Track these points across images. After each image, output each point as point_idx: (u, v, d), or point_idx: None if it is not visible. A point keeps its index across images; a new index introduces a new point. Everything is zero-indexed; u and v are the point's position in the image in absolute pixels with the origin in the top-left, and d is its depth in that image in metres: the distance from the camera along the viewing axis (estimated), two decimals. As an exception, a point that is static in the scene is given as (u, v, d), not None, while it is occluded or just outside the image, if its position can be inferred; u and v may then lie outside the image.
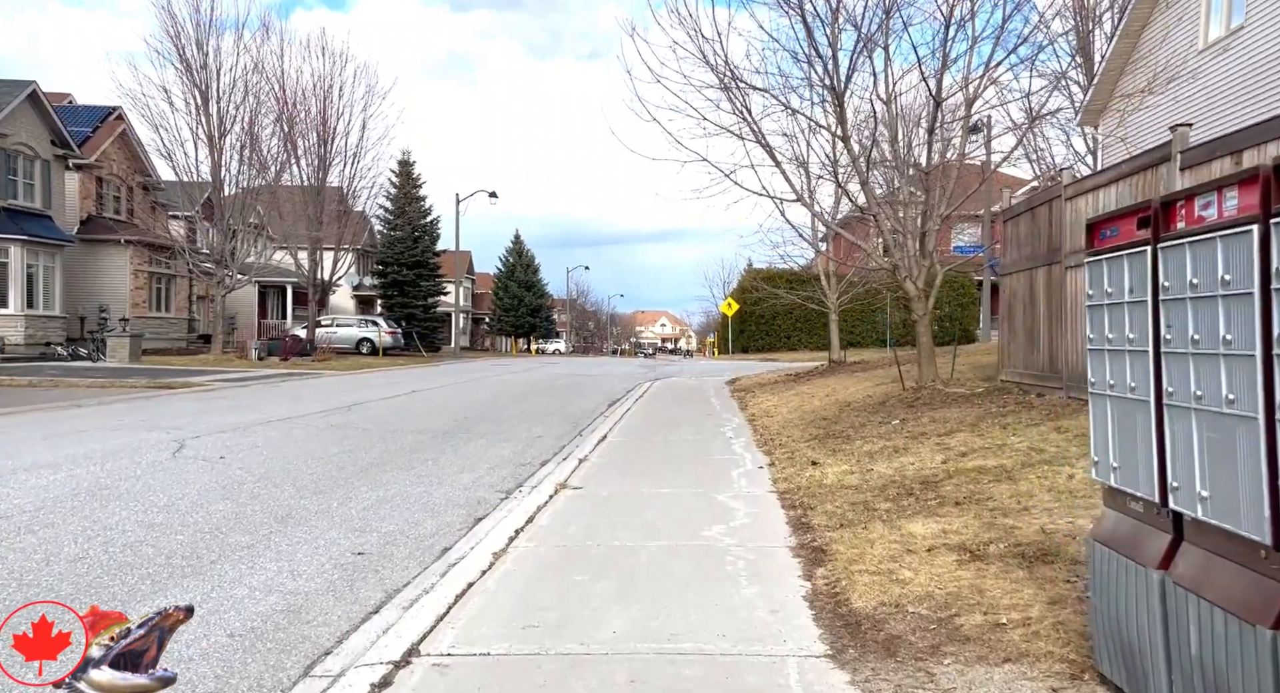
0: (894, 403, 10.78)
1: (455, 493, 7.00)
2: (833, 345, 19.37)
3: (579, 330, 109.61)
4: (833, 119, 11.21)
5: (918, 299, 11.55)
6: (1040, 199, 9.66)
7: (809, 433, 9.79)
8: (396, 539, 5.45)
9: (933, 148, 10.54)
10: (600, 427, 11.44)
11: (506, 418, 12.57)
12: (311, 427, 10.73)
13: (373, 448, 9.17)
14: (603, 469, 8.01)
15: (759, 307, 41.03)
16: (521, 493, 7.03)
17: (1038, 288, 9.64)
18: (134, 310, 29.43)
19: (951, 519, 5.17)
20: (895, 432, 8.72)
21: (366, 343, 36.75)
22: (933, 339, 11.74)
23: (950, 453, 7.17)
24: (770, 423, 11.40)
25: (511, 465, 8.46)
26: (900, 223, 11.51)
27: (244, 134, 27.40)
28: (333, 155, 31.80)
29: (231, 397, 15.26)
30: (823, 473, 7.17)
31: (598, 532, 5.48)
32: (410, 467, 8.14)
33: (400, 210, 44.58)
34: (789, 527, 5.55)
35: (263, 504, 6.23)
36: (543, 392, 18.02)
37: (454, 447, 9.51)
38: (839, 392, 13.49)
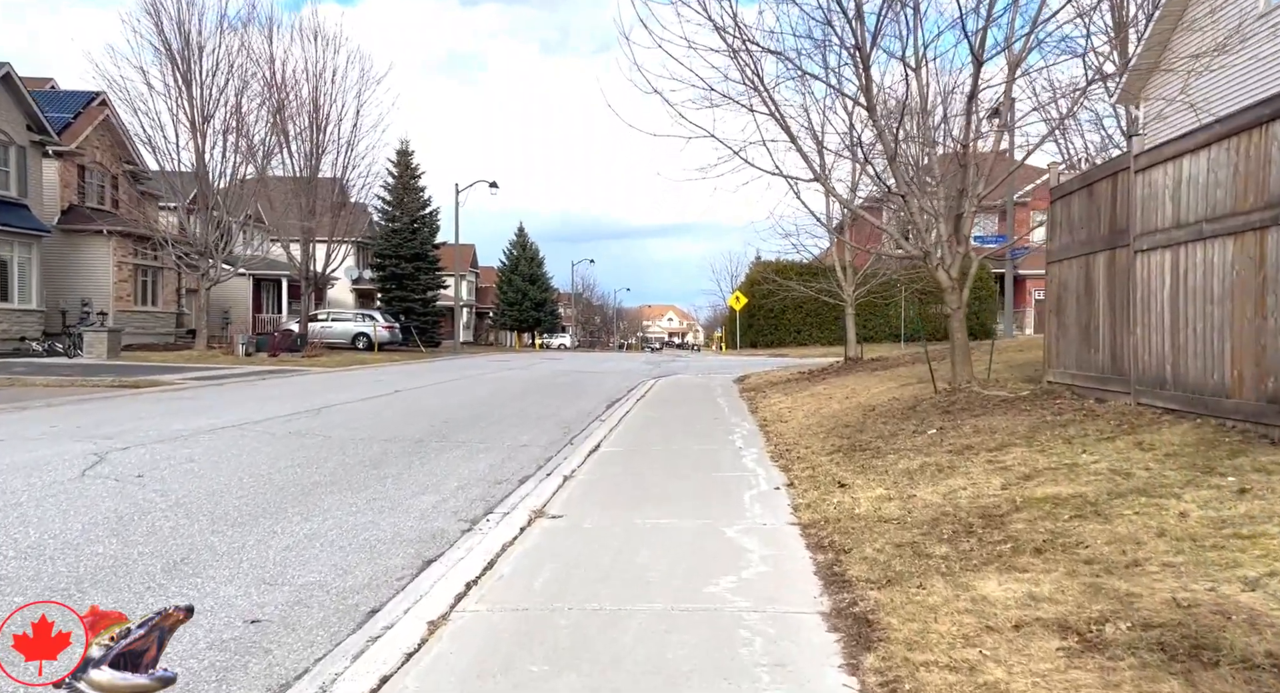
0: (926, 407, 9.51)
1: (408, 524, 5.78)
2: (849, 341, 18.09)
3: (585, 325, 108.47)
4: (853, 86, 9.92)
5: (951, 290, 10.27)
6: (1100, 173, 8.36)
7: (831, 443, 8.53)
8: (313, 596, 4.23)
9: (972, 118, 9.24)
10: (595, 433, 10.22)
11: (492, 422, 11.35)
12: (267, 434, 9.52)
13: (327, 462, 7.95)
14: (590, 489, 6.77)
15: (769, 299, 39.72)
16: (489, 523, 5.80)
17: (1096, 276, 8.36)
18: (118, 304, 28.27)
19: (1036, 576, 3.91)
20: (934, 444, 7.45)
21: (363, 338, 35.60)
22: (968, 335, 10.46)
23: (1010, 475, 5.91)
24: (785, 430, 10.15)
25: (485, 484, 7.24)
26: (932, 204, 10.22)
27: (229, 118, 26.16)
28: (325, 143, 30.60)
29: (199, 397, 14.07)
30: (853, 499, 5.92)
31: (571, 586, 4.25)
32: (364, 486, 6.91)
33: (399, 201, 43.32)
34: (819, 580, 4.31)
35: (159, 543, 5.01)
36: (539, 391, 16.81)
37: (424, 459, 8.30)
38: (860, 393, 12.22)
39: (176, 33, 25.17)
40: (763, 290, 40.20)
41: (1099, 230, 8.30)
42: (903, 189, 9.99)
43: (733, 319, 44.39)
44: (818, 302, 40.14)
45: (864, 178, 15.10)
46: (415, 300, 42.65)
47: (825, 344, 39.09)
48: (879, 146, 12.06)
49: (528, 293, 67.69)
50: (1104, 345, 8.20)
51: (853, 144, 11.34)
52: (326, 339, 35.81)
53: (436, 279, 44.09)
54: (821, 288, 19.10)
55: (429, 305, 43.65)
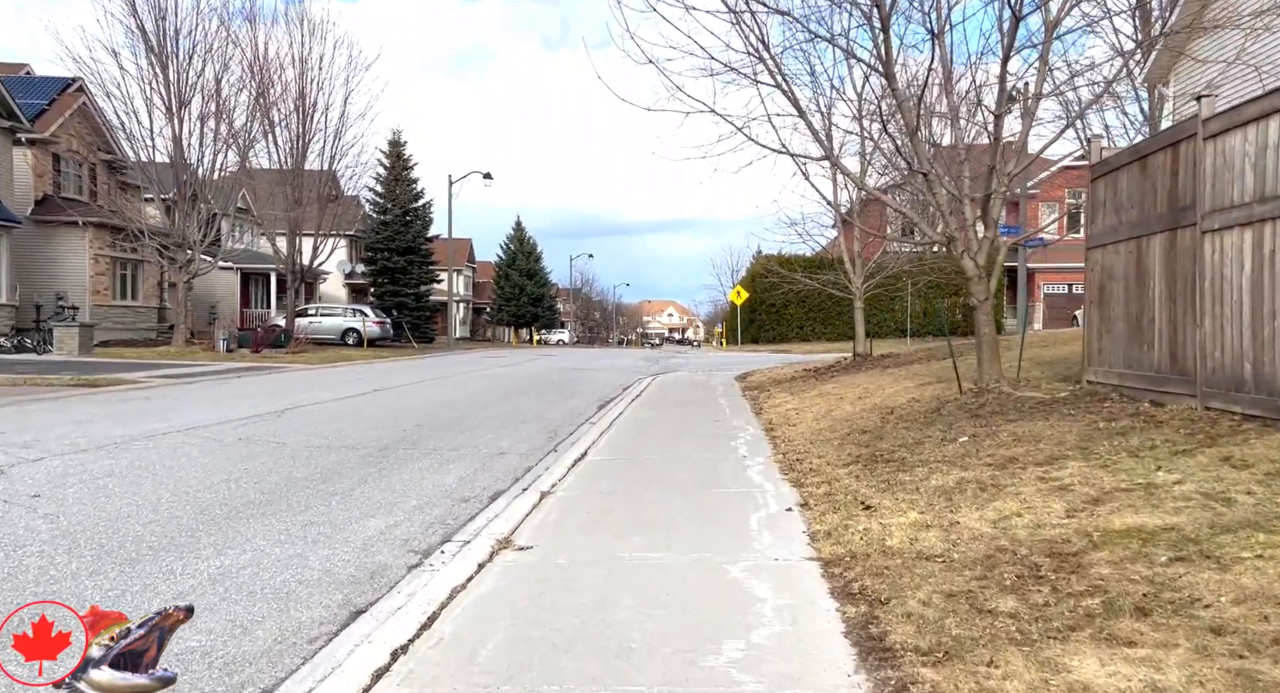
0: (952, 410, 8.50)
1: (343, 557, 4.77)
2: (858, 336, 17.06)
3: (584, 321, 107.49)
4: (868, 53, 8.88)
5: (978, 279, 9.25)
6: (1156, 144, 7.33)
7: (847, 452, 7.51)
8: (188, 670, 3.22)
9: (1006, 83, 8.19)
10: (583, 438, 9.22)
11: (471, 425, 10.34)
12: (214, 441, 8.51)
13: (270, 475, 6.93)
14: (570, 510, 5.77)
15: (771, 294, 38.70)
16: (443, 557, 4.80)
17: (1150, 262, 7.33)
18: (95, 298, 27.23)
19: (1153, 652, 2.91)
20: (968, 455, 6.44)
21: (352, 334, 34.56)
22: (995, 329, 9.46)
23: (1072, 497, 4.89)
24: (794, 435, 9.13)
25: (450, 501, 6.23)
26: (958, 184, 9.20)
27: (208, 103, 25.01)
28: (312, 131, 29.53)
29: (157, 398, 13.06)
30: (883, 526, 4.91)
31: (529, 656, 3.24)
32: (304, 507, 5.90)
33: (391, 194, 42.19)
34: (852, 647, 3.30)
35: (11, 591, 3.99)
36: (528, 390, 15.80)
37: (385, 470, 7.29)
38: (873, 393, 11.20)
39: (150, 13, 24.07)
40: (764, 284, 39.17)
41: (1154, 209, 7.27)
42: (925, 167, 8.96)
43: (733, 315, 43.36)
44: (821, 296, 39.16)
45: (876, 160, 14.08)
46: (408, 295, 41.59)
47: (829, 340, 38.09)
48: (890, 127, 11.04)
49: (525, 288, 66.63)
50: (1160, 341, 7.18)
51: (863, 116, 10.29)
52: (315, 335, 34.81)
53: (430, 273, 43.00)
54: (829, 279, 18.06)
55: (422, 300, 42.58)
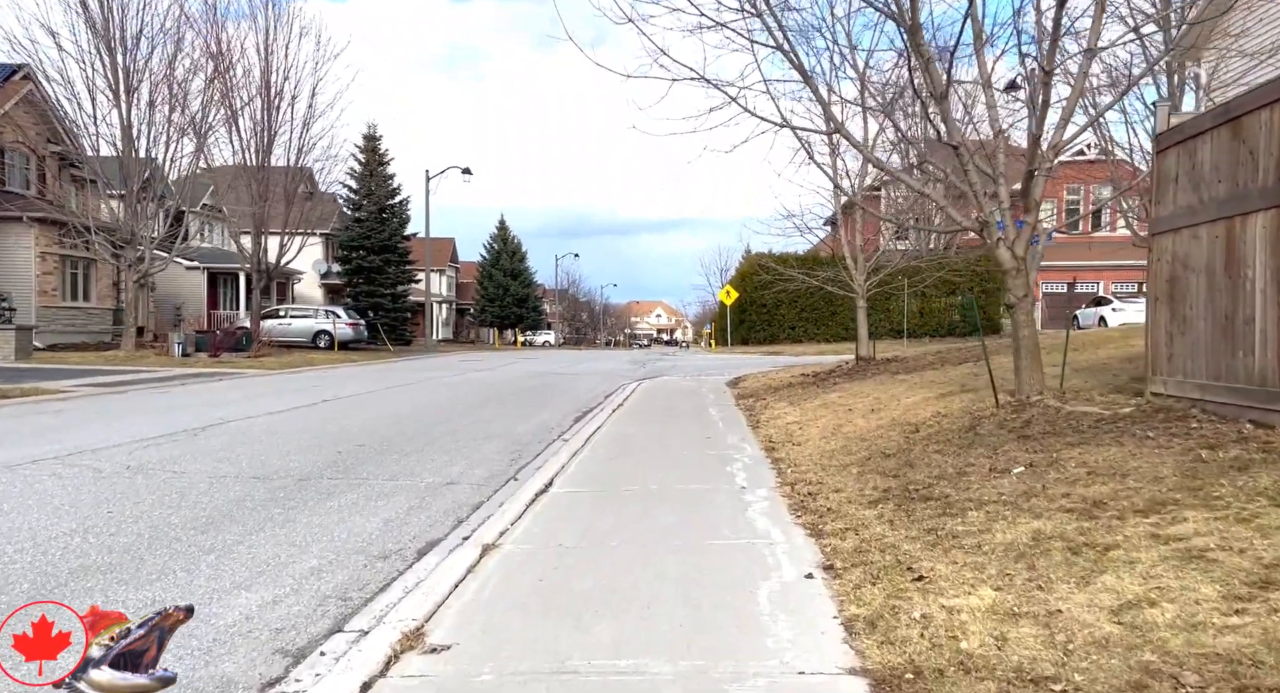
0: (991, 429, 7.06)
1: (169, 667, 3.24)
2: (860, 339, 15.62)
3: (571, 321, 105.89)
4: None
5: (1015, 273, 7.83)
6: (1258, 100, 5.90)
7: (871, 484, 6.06)
8: None
9: (1059, 33, 6.74)
10: (551, 461, 7.76)
11: (422, 445, 8.84)
12: (94, 471, 6.97)
13: (137, 521, 5.41)
14: (516, 575, 4.29)
15: (762, 293, 37.30)
16: (314, 669, 3.30)
17: (1246, 249, 5.91)
18: (42, 299, 25.48)
19: None
20: (1034, 493, 4.99)
21: (324, 336, 32.93)
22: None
23: (1221, 572, 3.44)
24: (800, 457, 7.68)
25: (360, 561, 4.75)
26: (992, 163, 7.78)
27: (159, 87, 23.23)
28: (279, 122, 27.91)
29: (72, 411, 11.49)
30: (948, 612, 3.46)
31: None
32: (160, 573, 4.40)
33: (366, 190, 40.46)
34: None
35: None
36: (499, 398, 14.30)
37: (292, 512, 5.78)
38: (888, 404, 9.77)
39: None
40: (755, 284, 37.77)
41: (1254, 181, 5.85)
42: (956, 138, 7.52)
43: (723, 315, 41.94)
44: (814, 296, 37.78)
45: (882, 139, 12.65)
46: (384, 295, 39.90)
47: (822, 341, 36.72)
48: (906, 96, 9.61)
49: (509, 288, 65.01)
50: (1263, 345, 5.75)
51: (868, 84, 8.84)
52: (285, 337, 33.20)
53: (407, 273, 41.32)
54: (829, 277, 16.63)
55: (399, 301, 40.89)
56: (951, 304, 36.86)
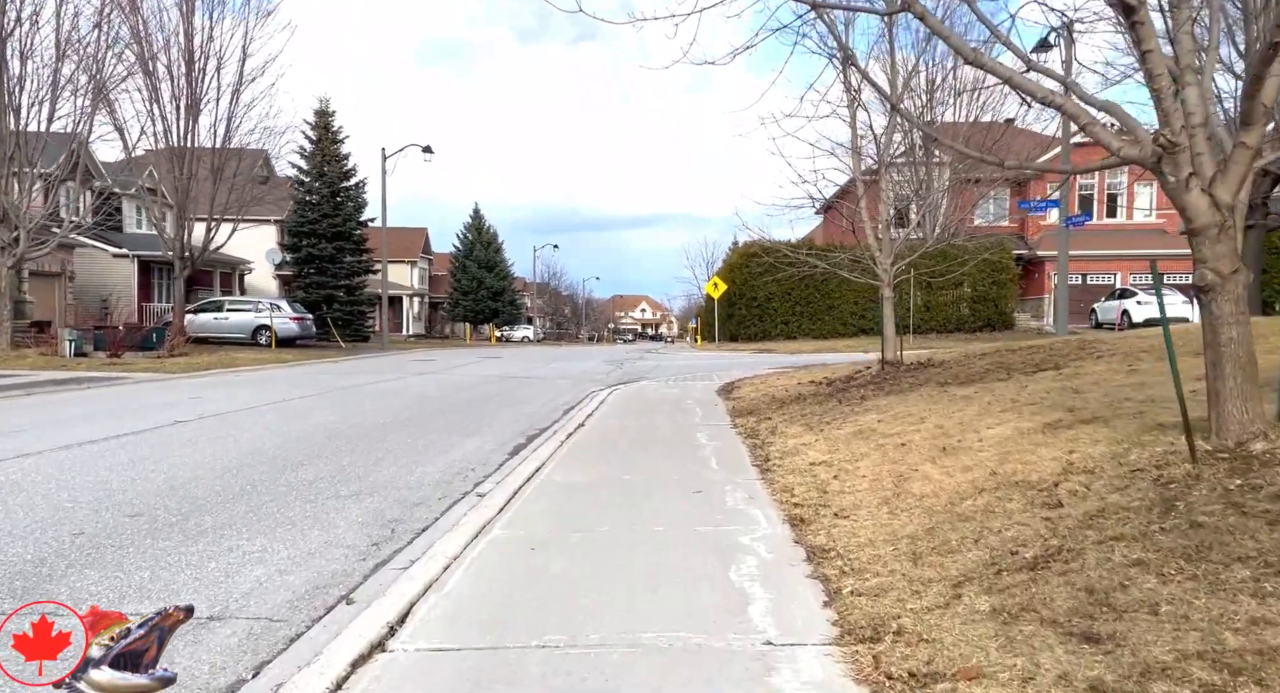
0: (1214, 507, 3.86)
1: None
2: (887, 338, 12.40)
3: (553, 316, 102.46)
4: None
5: (1218, 232, 4.65)
6: None
7: (1031, 648, 2.80)
8: None
9: None
10: (439, 548, 4.54)
11: (244, 510, 5.56)
12: None
13: None
14: None
15: (753, 284, 34.13)
16: None
17: None
18: (-80, 291, 21.88)
19: None
20: None
21: (265, 332, 29.47)
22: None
23: None
24: (858, 551, 4.43)
25: None
26: (1177, 43, 4.54)
27: (31, 34, 19.66)
28: (205, 89, 24.40)
29: None
30: None
31: None
32: None
33: (317, 170, 36.87)
34: None
35: None
36: (423, 416, 11.01)
37: None
38: (965, 438, 6.53)
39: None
40: (745, 275, 34.58)
41: None
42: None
43: (710, 309, 38.68)
44: (809, 288, 34.53)
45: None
46: (338, 287, 36.37)
47: (819, 337, 33.57)
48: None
49: (484, 281, 61.53)
50: None
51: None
52: (220, 333, 29.76)
53: (364, 263, 37.78)
54: (846, 258, 13.37)
55: (355, 293, 37.34)
56: (960, 297, 33.83)
